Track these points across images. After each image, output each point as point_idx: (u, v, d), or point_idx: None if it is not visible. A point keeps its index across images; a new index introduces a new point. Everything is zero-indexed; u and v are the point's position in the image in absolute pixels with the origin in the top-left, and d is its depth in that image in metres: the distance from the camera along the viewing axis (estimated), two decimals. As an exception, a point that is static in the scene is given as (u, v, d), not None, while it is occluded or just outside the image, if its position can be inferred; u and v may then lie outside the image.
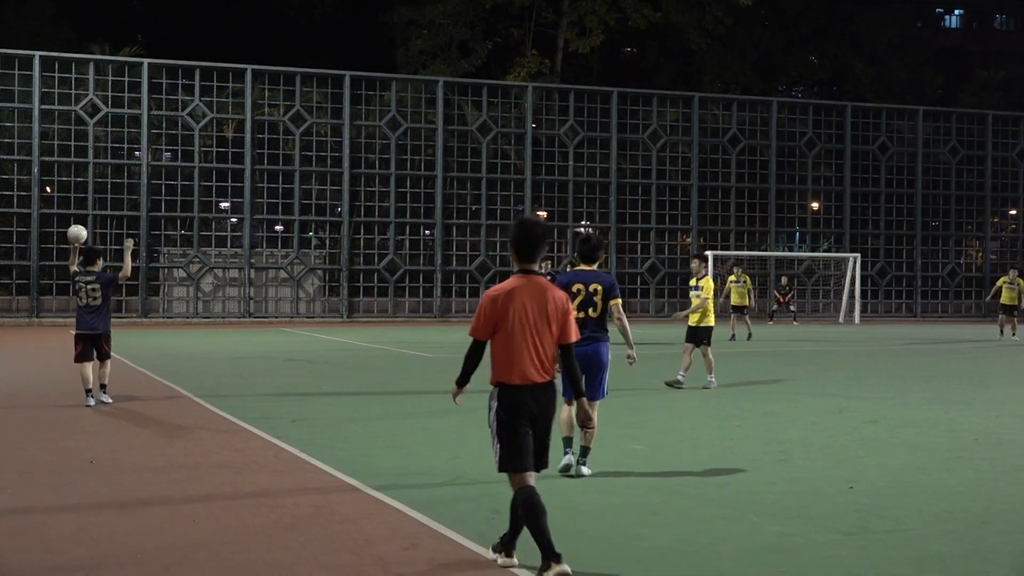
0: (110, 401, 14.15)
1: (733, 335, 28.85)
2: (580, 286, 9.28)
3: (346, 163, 39.15)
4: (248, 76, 38.00)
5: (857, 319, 41.19)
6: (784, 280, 40.56)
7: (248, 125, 38.00)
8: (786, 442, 11.16)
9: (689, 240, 43.73)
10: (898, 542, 7.12)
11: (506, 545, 6.54)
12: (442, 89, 40.57)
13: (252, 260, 38.15)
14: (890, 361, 22.58)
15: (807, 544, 7.05)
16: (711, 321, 16.73)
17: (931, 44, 65.66)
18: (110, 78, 37.13)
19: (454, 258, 40.56)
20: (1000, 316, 30.53)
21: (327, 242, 40.75)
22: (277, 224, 39.80)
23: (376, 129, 39.90)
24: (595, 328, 9.26)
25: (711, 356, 16.67)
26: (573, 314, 6.70)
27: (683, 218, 43.25)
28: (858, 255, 42.14)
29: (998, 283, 30.61)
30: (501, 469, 6.36)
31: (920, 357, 23.86)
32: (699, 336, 16.67)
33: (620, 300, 9.49)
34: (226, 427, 12.13)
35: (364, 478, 8.99)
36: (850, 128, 45.55)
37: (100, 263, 14.41)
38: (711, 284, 16.86)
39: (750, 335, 28.61)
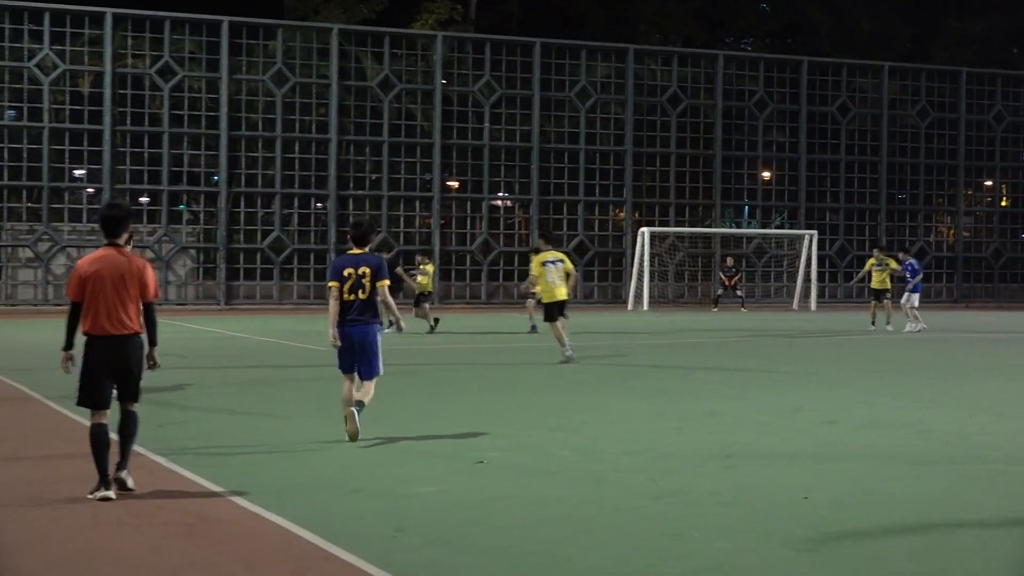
0: None
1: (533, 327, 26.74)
2: (351, 270, 11.12)
3: (223, 124, 38.75)
4: (108, 21, 37.41)
5: (813, 305, 41.77)
6: (730, 261, 41.00)
7: (108, 79, 37.42)
8: (733, 446, 11.27)
9: (623, 214, 44.00)
10: (859, 559, 7.23)
11: (118, 475, 8.78)
12: (336, 38, 40.32)
13: (113, 237, 37.60)
14: (851, 353, 22.92)
15: (757, 562, 7.13)
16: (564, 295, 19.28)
17: (898, -9, 66.52)
18: (-59, 22, 36.37)
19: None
20: (872, 302, 30.24)
21: (201, 216, 40.26)
22: (142, 195, 39.32)
23: (259, 84, 39.54)
24: (364, 310, 11.17)
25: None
26: (152, 276, 9.01)
27: (616, 189, 43.49)
28: (815, 232, 42.72)
29: (867, 266, 30.47)
30: (79, 404, 8.97)
31: (884, 348, 24.23)
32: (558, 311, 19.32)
33: (387, 282, 11.32)
34: (83, 434, 11.92)
35: (245, 491, 8.92)
36: (806, 87, 46.11)
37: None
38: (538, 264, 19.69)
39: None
